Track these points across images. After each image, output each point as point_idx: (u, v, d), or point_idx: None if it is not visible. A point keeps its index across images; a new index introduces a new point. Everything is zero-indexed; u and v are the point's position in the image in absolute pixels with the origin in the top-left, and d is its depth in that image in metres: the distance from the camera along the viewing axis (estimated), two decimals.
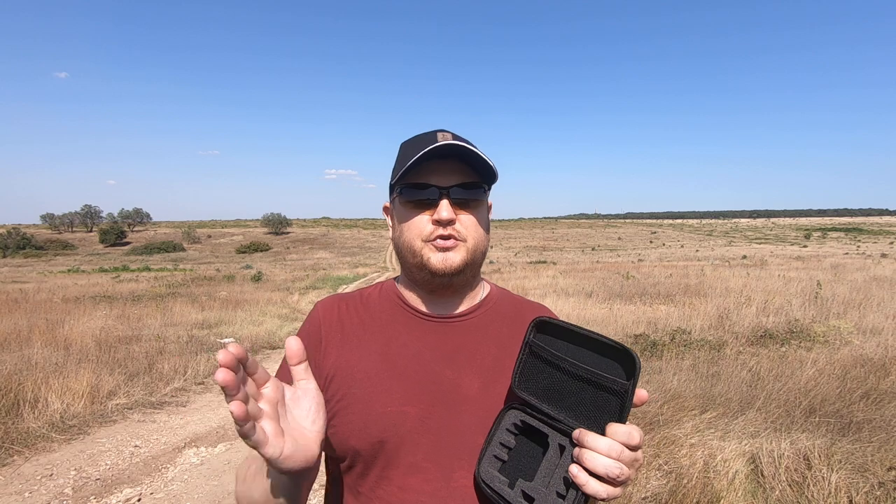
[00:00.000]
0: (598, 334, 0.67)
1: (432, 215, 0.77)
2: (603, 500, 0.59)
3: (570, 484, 0.60)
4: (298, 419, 0.60)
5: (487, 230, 0.83)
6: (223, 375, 0.48)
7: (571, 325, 0.70)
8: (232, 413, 0.49)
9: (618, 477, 0.57)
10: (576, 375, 0.66)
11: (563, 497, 0.61)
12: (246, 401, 0.51)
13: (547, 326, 0.73)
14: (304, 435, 0.59)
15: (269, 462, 0.55)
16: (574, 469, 0.59)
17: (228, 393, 0.49)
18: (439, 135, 0.78)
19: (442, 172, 0.77)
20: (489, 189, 0.82)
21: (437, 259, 0.76)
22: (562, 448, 0.65)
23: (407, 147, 0.81)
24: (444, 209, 0.75)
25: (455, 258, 0.77)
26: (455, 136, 0.78)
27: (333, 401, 0.78)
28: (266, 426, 0.54)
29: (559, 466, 0.64)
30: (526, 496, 0.64)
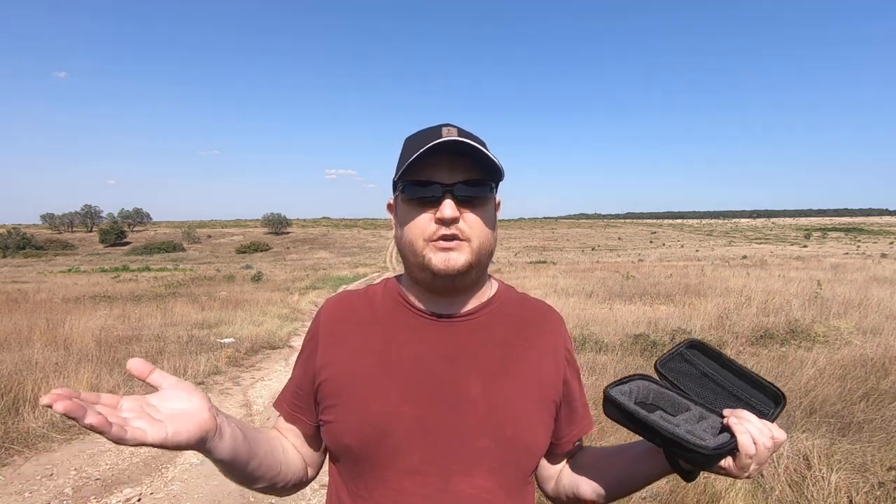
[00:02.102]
0: (749, 370, 0.76)
1: (435, 214, 0.73)
2: (739, 466, 0.65)
3: (722, 429, 0.67)
4: (174, 405, 0.59)
5: (494, 229, 0.80)
6: (61, 405, 0.47)
7: (723, 354, 0.79)
8: (93, 425, 0.49)
9: (764, 446, 0.64)
10: (727, 390, 0.75)
11: (709, 435, 0.67)
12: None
13: (701, 346, 0.81)
14: (183, 411, 0.59)
15: (164, 446, 0.55)
16: (733, 419, 0.66)
17: (76, 415, 0.48)
18: (444, 129, 0.74)
19: (445, 169, 0.73)
20: (496, 186, 0.79)
21: (438, 259, 0.73)
22: (702, 416, 0.71)
23: (410, 142, 0.78)
24: (448, 207, 0.72)
25: (458, 259, 0.73)
26: (461, 132, 0.75)
27: (329, 398, 0.78)
28: (139, 423, 0.54)
29: (703, 421, 0.70)
30: (665, 420, 0.70)
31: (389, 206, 0.85)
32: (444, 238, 0.73)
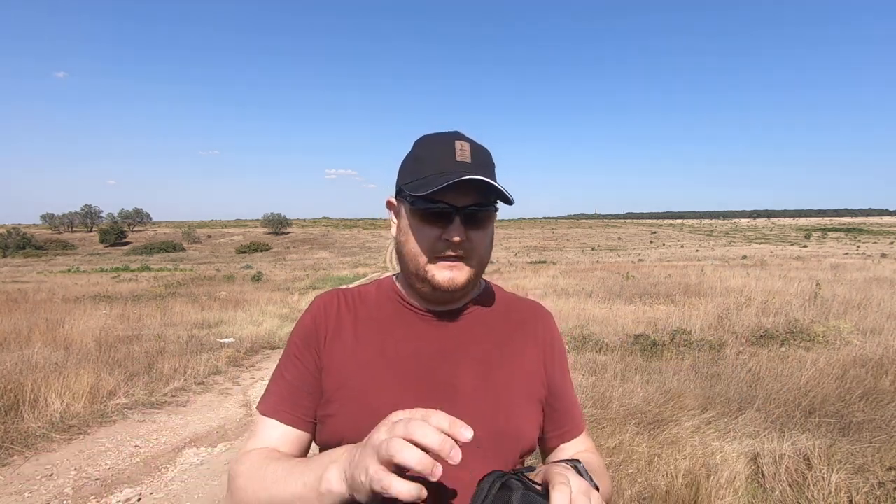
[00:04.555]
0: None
1: (442, 232, 0.75)
2: None
3: None
4: None
5: (492, 241, 0.84)
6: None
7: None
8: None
9: None
10: None
11: None
12: None
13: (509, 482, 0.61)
14: None
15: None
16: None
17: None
18: (457, 146, 0.76)
19: (458, 191, 0.74)
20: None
21: (443, 277, 0.77)
22: None
23: (421, 151, 0.79)
24: (456, 231, 0.74)
25: (460, 277, 0.77)
26: (473, 148, 0.78)
27: (328, 393, 0.78)
28: None
29: None
30: None
31: (389, 204, 0.86)
32: (450, 258, 0.77)
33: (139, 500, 3.12)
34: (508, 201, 0.77)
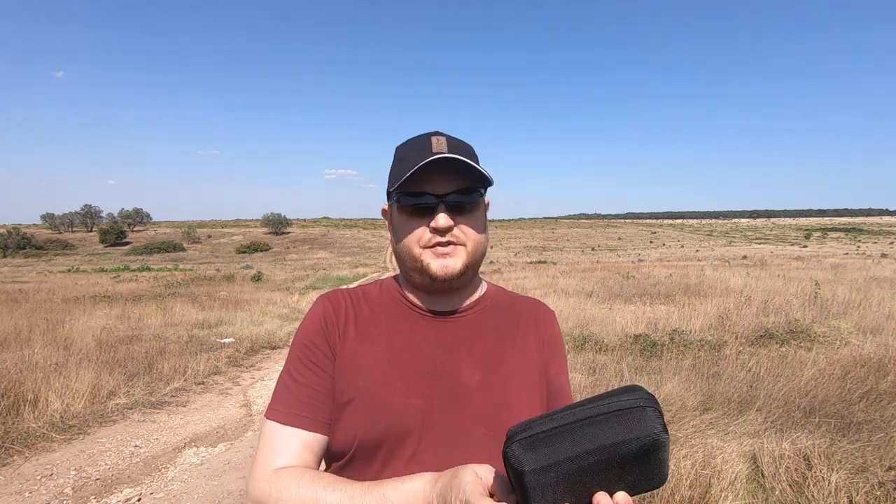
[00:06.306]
0: (589, 400, 0.55)
1: (430, 223, 0.77)
2: None
3: None
4: None
5: (486, 230, 0.84)
6: None
7: (547, 422, 0.55)
8: None
9: None
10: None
11: None
12: None
13: (521, 439, 0.55)
14: None
15: None
16: None
17: None
18: (433, 140, 0.78)
19: (438, 180, 0.77)
20: (485, 190, 0.83)
21: (437, 266, 0.78)
22: None
23: (402, 152, 0.82)
24: (442, 218, 0.76)
25: (455, 264, 0.78)
26: (450, 141, 0.79)
27: (339, 392, 0.79)
28: None
29: None
30: None
31: (384, 212, 0.89)
32: (441, 245, 0.78)
33: (139, 500, 3.12)
34: (487, 181, 0.79)
